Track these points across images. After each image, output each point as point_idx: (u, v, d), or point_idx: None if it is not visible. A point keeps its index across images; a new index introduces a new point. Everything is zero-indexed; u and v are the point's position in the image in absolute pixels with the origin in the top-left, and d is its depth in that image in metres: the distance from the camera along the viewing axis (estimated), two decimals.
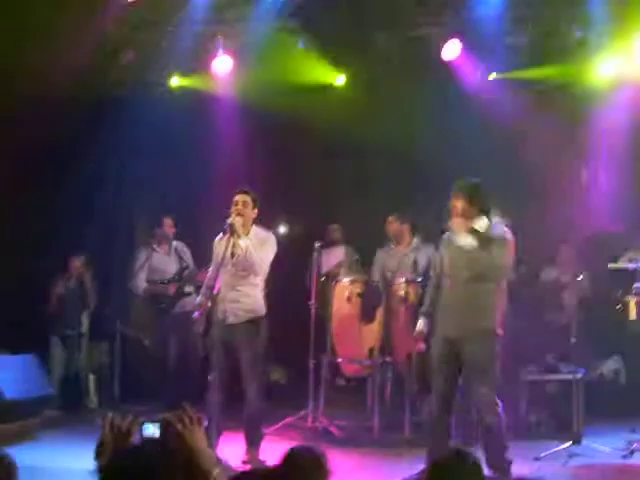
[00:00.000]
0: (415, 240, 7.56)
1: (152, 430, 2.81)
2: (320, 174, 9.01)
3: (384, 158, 9.10)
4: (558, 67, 8.11)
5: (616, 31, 7.72)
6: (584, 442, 6.24)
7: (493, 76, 8.45)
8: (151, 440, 2.77)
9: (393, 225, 7.57)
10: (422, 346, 5.81)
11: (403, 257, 7.45)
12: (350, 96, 8.59)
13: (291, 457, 3.03)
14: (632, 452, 6.08)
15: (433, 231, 8.08)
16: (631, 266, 6.96)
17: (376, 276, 7.41)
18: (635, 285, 6.88)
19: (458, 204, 5.36)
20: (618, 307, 6.92)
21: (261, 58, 7.88)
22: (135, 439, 2.79)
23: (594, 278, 7.94)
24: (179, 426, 2.73)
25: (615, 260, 7.21)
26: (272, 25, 7.77)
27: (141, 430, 2.82)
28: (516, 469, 5.60)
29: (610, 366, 7.80)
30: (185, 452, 2.68)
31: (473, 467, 2.87)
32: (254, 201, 5.92)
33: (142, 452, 2.45)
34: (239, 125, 8.44)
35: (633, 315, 6.83)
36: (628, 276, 7.10)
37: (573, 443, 6.19)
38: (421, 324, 5.67)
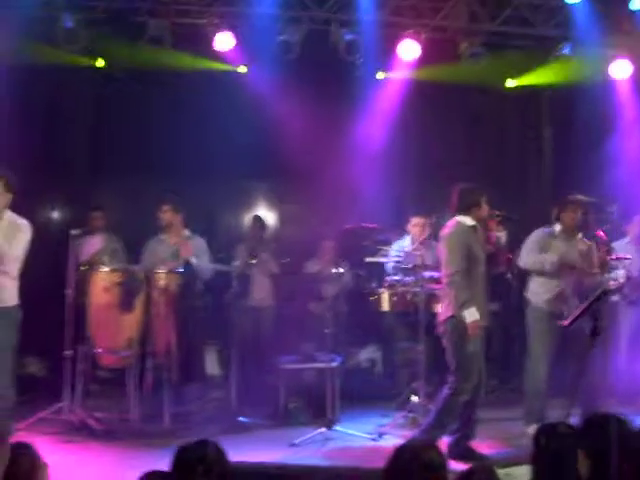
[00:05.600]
0: (186, 231, 7.52)
1: None
2: (85, 160, 8.74)
3: (153, 144, 9.02)
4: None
5: (384, 35, 8.16)
6: (339, 427, 6.51)
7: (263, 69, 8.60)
8: None
9: (167, 214, 7.47)
10: None
11: (173, 247, 7.39)
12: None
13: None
14: (380, 435, 6.44)
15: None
16: (383, 260, 7.36)
17: (147, 265, 7.29)
18: (386, 278, 7.30)
19: None
20: (372, 298, 7.29)
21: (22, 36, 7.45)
22: None
23: (353, 271, 8.34)
24: None
25: (373, 254, 7.54)
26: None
27: None
28: (272, 456, 5.78)
29: (366, 355, 8.22)
30: None
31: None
32: (7, 185, 5.64)
33: None
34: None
35: (386, 306, 7.23)
36: (382, 269, 7.51)
37: (327, 428, 6.46)
38: None
